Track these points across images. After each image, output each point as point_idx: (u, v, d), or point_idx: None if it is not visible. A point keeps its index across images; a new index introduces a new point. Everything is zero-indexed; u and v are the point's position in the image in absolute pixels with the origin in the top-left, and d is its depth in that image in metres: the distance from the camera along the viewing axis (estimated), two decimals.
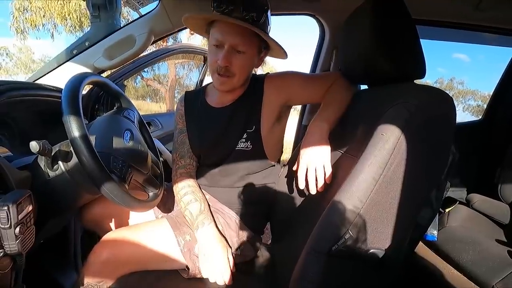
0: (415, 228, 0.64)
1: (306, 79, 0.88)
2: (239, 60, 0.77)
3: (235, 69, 0.78)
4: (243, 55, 0.77)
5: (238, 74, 0.79)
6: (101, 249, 0.75)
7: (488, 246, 1.11)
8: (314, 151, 0.73)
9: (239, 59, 0.77)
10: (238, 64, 0.78)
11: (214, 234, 0.78)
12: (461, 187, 1.50)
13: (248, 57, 0.78)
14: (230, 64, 0.77)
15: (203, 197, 0.85)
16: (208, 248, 0.76)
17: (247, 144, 0.84)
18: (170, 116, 2.02)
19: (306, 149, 0.74)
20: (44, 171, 0.66)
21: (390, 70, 0.72)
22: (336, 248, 0.55)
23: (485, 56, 24.18)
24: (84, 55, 1.05)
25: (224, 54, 0.76)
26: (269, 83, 0.86)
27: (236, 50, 0.77)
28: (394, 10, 0.69)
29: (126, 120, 0.82)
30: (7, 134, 0.86)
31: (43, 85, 0.93)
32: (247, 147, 0.84)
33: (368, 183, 0.54)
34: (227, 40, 0.76)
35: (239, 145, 0.84)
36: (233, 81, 0.80)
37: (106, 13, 1.05)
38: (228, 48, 0.76)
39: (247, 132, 0.84)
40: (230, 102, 0.86)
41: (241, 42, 0.76)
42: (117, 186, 0.63)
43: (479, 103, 16.07)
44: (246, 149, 0.84)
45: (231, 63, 0.77)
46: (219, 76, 0.79)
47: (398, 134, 0.55)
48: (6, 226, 0.49)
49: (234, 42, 0.76)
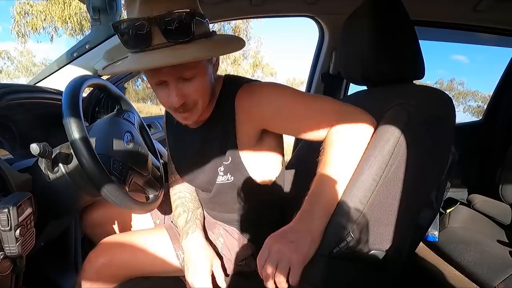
0: (416, 229, 0.64)
1: (293, 104, 0.64)
2: (193, 87, 0.60)
3: (194, 97, 0.62)
4: (195, 79, 0.60)
5: (201, 100, 0.63)
6: (96, 257, 0.73)
7: (489, 246, 1.11)
8: (286, 238, 0.53)
9: (191, 86, 0.60)
10: (193, 92, 0.61)
11: (196, 244, 0.72)
12: (462, 188, 1.50)
13: (201, 78, 0.61)
14: (185, 98, 0.61)
15: (192, 207, 0.81)
16: (190, 257, 0.71)
17: (227, 177, 0.71)
18: None
19: (279, 232, 0.55)
20: (44, 173, 0.66)
21: (389, 71, 0.72)
22: (337, 250, 0.55)
23: (484, 57, 24.18)
24: (84, 58, 1.06)
25: (173, 93, 0.59)
26: (240, 102, 0.66)
27: (183, 79, 0.59)
28: (393, 11, 0.69)
29: (127, 123, 0.82)
30: (7, 136, 0.86)
31: (43, 88, 0.93)
32: (228, 179, 0.71)
33: (369, 185, 0.54)
34: (167, 76, 0.58)
35: (218, 179, 0.72)
36: (198, 109, 0.64)
37: (106, 16, 1.05)
38: (173, 83, 0.59)
39: (223, 165, 0.70)
40: (202, 121, 0.72)
41: (183, 69, 0.58)
42: (117, 188, 0.63)
43: (479, 104, 16.06)
44: (228, 181, 0.71)
45: (186, 96, 0.60)
46: (180, 114, 0.65)
47: (398, 135, 0.55)
48: (6, 228, 0.49)
49: (175, 74, 0.58)
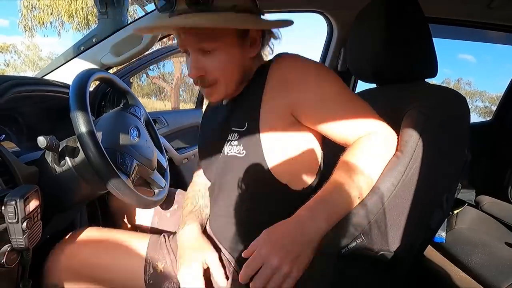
0: (426, 230, 0.62)
1: (337, 95, 0.57)
2: (213, 62, 0.58)
3: (213, 74, 0.59)
4: (215, 53, 0.57)
5: (222, 78, 0.60)
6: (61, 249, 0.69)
7: (497, 249, 1.09)
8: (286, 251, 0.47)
9: (212, 60, 0.58)
10: (213, 68, 0.58)
11: (190, 235, 0.65)
12: (470, 189, 1.48)
13: (222, 53, 0.58)
14: (203, 72, 0.58)
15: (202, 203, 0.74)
16: (180, 250, 0.64)
17: (239, 148, 0.60)
18: (176, 113, 2.03)
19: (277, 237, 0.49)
20: (51, 166, 0.66)
21: (400, 69, 0.71)
22: (346, 250, 0.54)
23: (492, 56, 23.80)
24: (91, 51, 1.05)
25: (191, 62, 0.58)
26: (277, 69, 0.60)
27: (203, 51, 0.57)
28: (407, 7, 0.68)
29: (133, 117, 0.82)
30: (14, 129, 0.87)
31: (50, 81, 0.93)
32: (239, 152, 0.60)
33: (387, 190, 0.53)
34: (187, 44, 0.58)
35: (226, 148, 0.62)
36: (220, 88, 0.61)
37: (113, 9, 1.05)
38: (193, 53, 0.58)
39: (237, 132, 0.61)
40: (233, 96, 0.67)
41: (203, 38, 0.56)
42: (123, 182, 0.63)
43: (486, 105, 15.86)
44: (237, 154, 0.60)
45: (204, 69, 0.58)
46: (203, 88, 0.62)
47: (416, 138, 0.54)
48: (13, 220, 0.49)
49: (194, 43, 0.57)
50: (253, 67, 0.64)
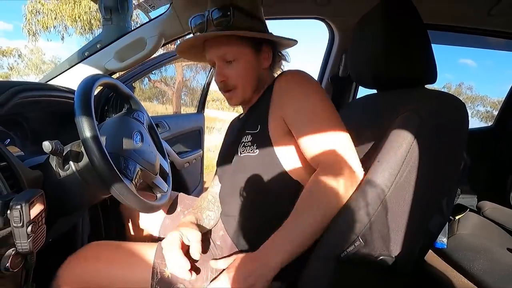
0: (426, 235, 0.63)
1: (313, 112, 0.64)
2: (233, 70, 0.72)
3: (233, 80, 0.73)
4: (235, 63, 0.72)
5: (240, 84, 0.73)
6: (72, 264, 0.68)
7: (499, 255, 1.08)
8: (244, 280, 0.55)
9: (233, 69, 0.72)
10: (234, 75, 0.72)
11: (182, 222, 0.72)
12: (472, 194, 1.48)
13: (241, 63, 0.72)
14: (226, 78, 0.73)
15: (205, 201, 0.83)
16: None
17: (252, 148, 0.69)
18: (178, 118, 2.04)
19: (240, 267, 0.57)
20: (55, 170, 0.67)
21: (400, 75, 0.71)
22: (345, 254, 0.54)
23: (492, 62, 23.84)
24: (95, 57, 1.07)
25: (217, 70, 0.73)
26: (277, 83, 0.71)
27: (226, 61, 0.72)
28: (406, 14, 0.69)
29: (136, 122, 0.83)
30: (19, 133, 0.87)
31: (55, 86, 0.94)
32: (253, 151, 0.68)
33: (380, 190, 0.54)
34: (213, 56, 0.73)
35: (240, 149, 0.70)
36: (238, 93, 0.74)
37: (118, 16, 1.06)
38: (218, 63, 0.73)
39: (251, 134, 0.70)
40: (250, 104, 0.79)
41: (226, 51, 0.71)
42: (126, 187, 0.64)
43: (488, 109, 15.83)
44: (251, 154, 0.68)
45: (227, 76, 0.73)
46: (224, 93, 0.76)
47: (410, 140, 0.54)
48: (18, 224, 0.49)
49: (219, 54, 0.72)
50: (266, 77, 0.77)
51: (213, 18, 0.71)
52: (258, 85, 0.76)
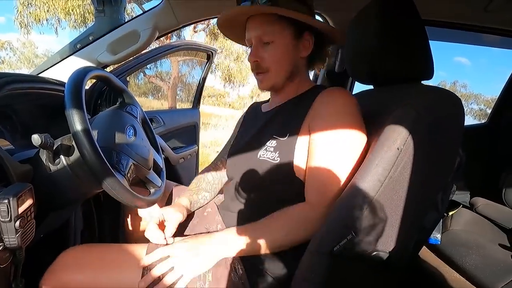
0: (421, 231, 0.63)
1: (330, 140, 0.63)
2: (268, 52, 0.70)
3: (267, 63, 0.71)
4: (272, 45, 0.69)
5: (273, 68, 0.71)
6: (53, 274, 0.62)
7: (491, 250, 1.10)
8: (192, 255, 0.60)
9: (268, 50, 0.70)
10: (268, 57, 0.70)
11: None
12: (465, 191, 1.49)
13: (278, 46, 0.69)
14: (259, 58, 0.71)
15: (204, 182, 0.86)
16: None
17: (274, 154, 0.66)
18: (173, 113, 2.02)
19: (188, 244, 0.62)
20: (45, 165, 0.65)
21: (398, 70, 0.71)
22: (338, 248, 0.54)
23: (486, 60, 24.14)
24: (87, 49, 1.05)
25: (252, 50, 0.72)
26: (320, 97, 0.68)
27: (263, 42, 0.70)
28: (403, 9, 0.68)
29: (129, 116, 0.81)
30: (8, 126, 0.86)
31: (46, 79, 0.92)
32: (274, 158, 0.66)
33: (373, 184, 0.54)
34: (251, 35, 0.71)
35: (261, 152, 0.68)
36: (270, 76, 0.72)
37: (110, 7, 1.04)
38: (255, 43, 0.71)
39: (277, 140, 0.67)
40: (276, 104, 0.76)
41: (264, 31, 0.69)
42: (119, 181, 0.62)
43: (482, 107, 16.02)
44: (271, 160, 0.66)
45: (261, 57, 0.70)
46: (256, 75, 0.74)
47: (405, 135, 0.54)
48: (6, 219, 0.48)
49: (257, 34, 0.70)
50: (303, 67, 0.75)
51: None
52: (293, 73, 0.73)
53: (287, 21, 0.69)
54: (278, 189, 0.68)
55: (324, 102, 0.67)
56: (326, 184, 0.62)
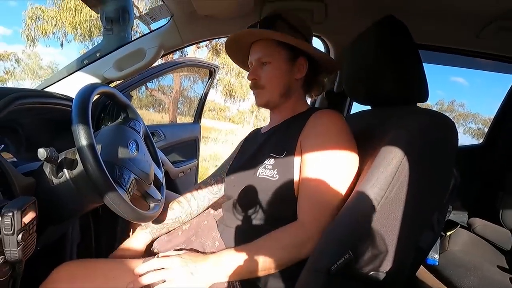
0: (417, 251, 0.63)
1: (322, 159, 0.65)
2: (265, 71, 0.78)
3: (263, 81, 0.78)
4: (269, 65, 0.78)
5: (269, 85, 0.78)
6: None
7: (489, 272, 1.09)
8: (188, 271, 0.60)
9: (265, 70, 0.78)
10: (265, 76, 0.78)
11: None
12: (462, 211, 1.49)
13: (274, 67, 0.77)
14: (257, 77, 0.78)
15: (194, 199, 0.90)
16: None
17: (272, 172, 0.69)
18: (174, 127, 2.04)
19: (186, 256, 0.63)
20: (48, 178, 0.66)
21: (392, 93, 0.74)
22: (335, 267, 0.54)
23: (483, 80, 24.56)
24: (94, 65, 1.08)
25: (251, 69, 0.80)
26: (313, 118, 0.72)
27: (261, 63, 0.79)
28: (398, 34, 0.72)
29: (132, 131, 0.83)
30: (13, 140, 0.87)
31: (52, 93, 0.94)
32: (273, 176, 0.68)
33: (370, 205, 0.55)
34: (253, 58, 0.80)
35: (260, 170, 0.71)
36: (265, 93, 0.79)
37: (118, 26, 1.08)
38: (255, 64, 0.80)
39: (275, 158, 0.70)
40: (274, 125, 0.82)
41: (263, 53, 0.78)
42: (120, 196, 0.63)
43: (479, 126, 16.14)
44: (270, 178, 0.68)
45: (258, 76, 0.78)
46: (253, 91, 0.81)
47: (400, 156, 0.55)
48: (9, 232, 0.49)
49: (257, 56, 0.79)
50: (297, 89, 0.81)
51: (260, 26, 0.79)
52: (287, 92, 0.79)
53: (284, 46, 0.77)
54: (276, 207, 0.69)
55: (316, 123, 0.71)
56: (316, 203, 0.63)
